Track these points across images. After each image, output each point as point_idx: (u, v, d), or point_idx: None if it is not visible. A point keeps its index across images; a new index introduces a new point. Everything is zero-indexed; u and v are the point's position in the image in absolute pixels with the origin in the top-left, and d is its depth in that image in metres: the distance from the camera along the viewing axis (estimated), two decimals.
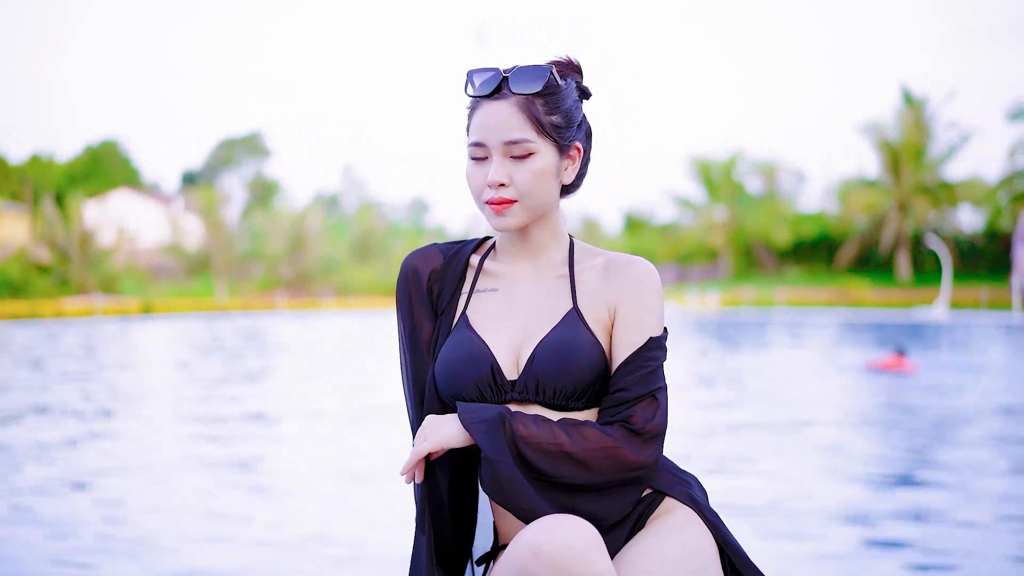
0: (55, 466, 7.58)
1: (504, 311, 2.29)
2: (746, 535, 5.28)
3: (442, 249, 2.41)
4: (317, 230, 63.27)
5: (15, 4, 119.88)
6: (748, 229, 61.73)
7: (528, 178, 2.21)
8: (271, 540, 5.36)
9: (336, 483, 6.99)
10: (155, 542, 5.28)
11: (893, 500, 6.35)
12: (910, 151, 55.70)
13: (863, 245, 58.06)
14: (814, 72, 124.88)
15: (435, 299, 2.36)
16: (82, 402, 11.85)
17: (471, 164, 2.26)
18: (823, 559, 4.96)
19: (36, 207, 60.14)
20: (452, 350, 2.25)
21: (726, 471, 7.35)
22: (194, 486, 6.87)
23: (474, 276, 2.37)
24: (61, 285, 51.18)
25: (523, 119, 2.19)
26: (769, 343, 24.14)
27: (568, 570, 1.89)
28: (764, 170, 64.39)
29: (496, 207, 2.22)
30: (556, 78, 2.22)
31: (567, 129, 2.25)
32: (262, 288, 59.54)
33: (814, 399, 12.18)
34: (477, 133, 2.22)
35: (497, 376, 2.21)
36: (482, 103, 2.23)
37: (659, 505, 2.24)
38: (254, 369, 17.04)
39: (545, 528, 1.94)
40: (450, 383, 2.23)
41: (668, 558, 2.10)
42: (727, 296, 50.39)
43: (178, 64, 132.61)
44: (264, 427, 9.93)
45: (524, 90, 2.19)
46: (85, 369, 16.74)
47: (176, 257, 64.35)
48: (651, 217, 71.22)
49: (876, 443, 8.94)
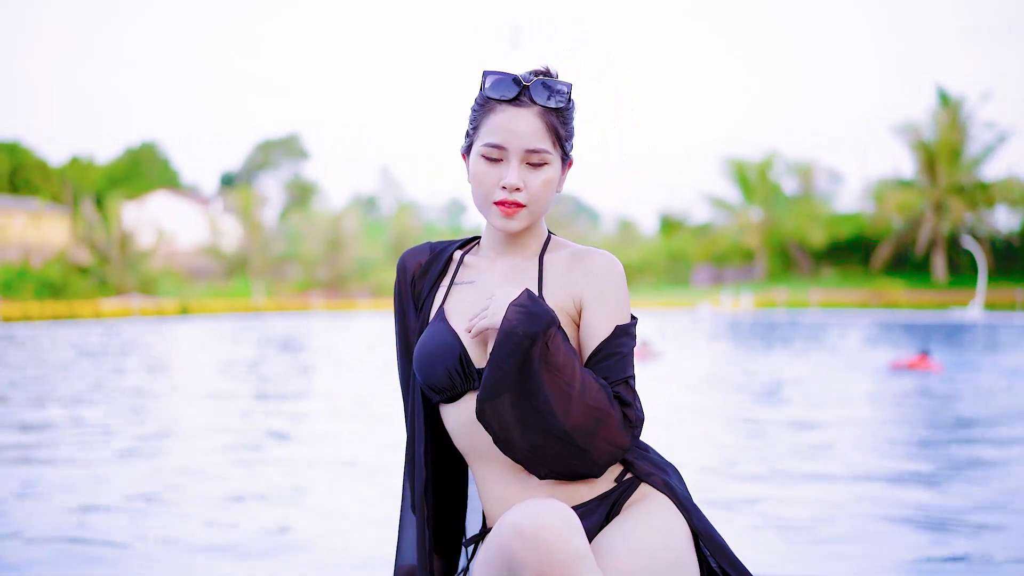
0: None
1: (475, 303, 2.38)
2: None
3: (432, 246, 2.53)
4: (353, 231, 63.29)
5: (51, 4, 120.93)
6: (783, 230, 61.32)
7: (540, 186, 2.32)
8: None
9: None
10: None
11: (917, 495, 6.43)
12: (946, 151, 55.23)
13: (899, 246, 57.62)
14: (850, 71, 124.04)
15: (416, 293, 2.49)
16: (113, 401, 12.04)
17: (483, 163, 2.33)
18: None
19: (76, 209, 60.61)
20: (426, 341, 2.35)
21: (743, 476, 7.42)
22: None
23: (454, 270, 2.47)
24: (100, 286, 51.51)
25: (544, 129, 2.30)
26: (796, 344, 24.05)
27: (548, 549, 1.98)
28: (800, 170, 64.01)
29: (506, 209, 2.32)
30: (570, 95, 2.34)
31: (569, 142, 2.38)
32: (299, 289, 59.68)
33: (834, 399, 12.21)
34: (498, 135, 2.30)
35: (466, 364, 2.30)
36: (502, 107, 2.32)
37: (635, 491, 2.32)
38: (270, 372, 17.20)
39: (528, 509, 2.03)
40: (424, 372, 2.33)
41: (641, 541, 2.19)
42: (761, 297, 50.20)
43: (216, 67, 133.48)
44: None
45: (549, 103, 2.31)
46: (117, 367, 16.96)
47: (214, 258, 64.57)
48: (686, 218, 70.97)
49: (901, 446, 8.99)
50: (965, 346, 22.46)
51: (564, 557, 1.98)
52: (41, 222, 61.18)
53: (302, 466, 7.62)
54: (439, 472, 2.47)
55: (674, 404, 11.17)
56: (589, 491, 2.31)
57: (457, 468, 2.50)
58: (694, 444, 8.58)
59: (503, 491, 2.31)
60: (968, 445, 8.63)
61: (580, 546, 2.01)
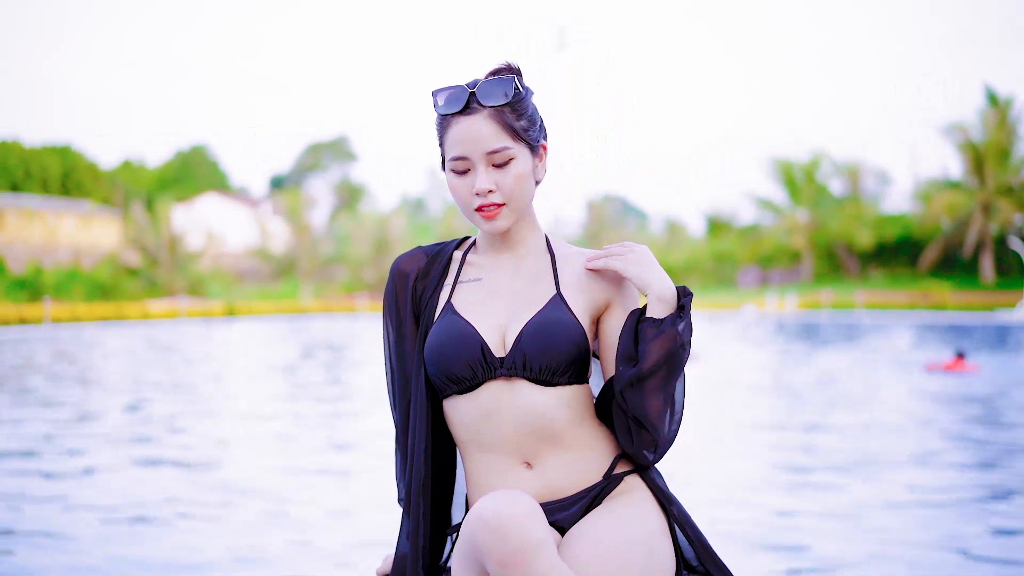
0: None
1: (487, 298, 2.45)
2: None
3: (425, 250, 2.57)
4: (401, 233, 63.40)
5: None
6: (830, 231, 60.80)
7: (512, 182, 2.37)
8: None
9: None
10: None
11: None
12: (994, 152, 54.56)
13: (946, 247, 56.98)
14: (899, 71, 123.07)
15: (418, 297, 2.52)
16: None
17: (454, 177, 2.39)
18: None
19: (127, 211, 61.27)
20: (440, 334, 2.41)
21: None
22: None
23: (457, 269, 2.53)
24: (149, 288, 51.98)
25: (498, 128, 2.35)
26: (835, 345, 23.92)
27: (508, 536, 2.07)
28: (847, 171, 63.51)
29: (487, 213, 2.38)
30: (519, 85, 2.38)
31: (533, 130, 2.41)
32: (346, 291, 59.87)
33: (866, 399, 12.17)
34: (458, 147, 2.37)
35: (487, 354, 2.37)
36: (454, 119, 2.38)
37: (617, 486, 2.42)
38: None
39: (491, 500, 2.13)
40: (440, 364, 2.39)
41: (612, 530, 2.29)
42: (806, 299, 49.90)
43: (267, 71, 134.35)
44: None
45: (494, 102, 2.35)
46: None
47: (263, 260, 64.98)
48: (733, 219, 70.60)
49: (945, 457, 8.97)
50: (1016, 348, 22.22)
51: (524, 545, 2.07)
52: (92, 224, 61.90)
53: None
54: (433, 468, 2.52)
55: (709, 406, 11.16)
56: (577, 484, 2.40)
57: (445, 462, 2.57)
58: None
59: (495, 481, 2.39)
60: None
61: (540, 534, 2.09)
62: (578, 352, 2.37)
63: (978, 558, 4.87)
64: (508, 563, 2.07)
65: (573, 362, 2.36)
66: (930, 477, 7.06)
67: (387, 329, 2.57)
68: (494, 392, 2.37)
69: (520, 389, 2.36)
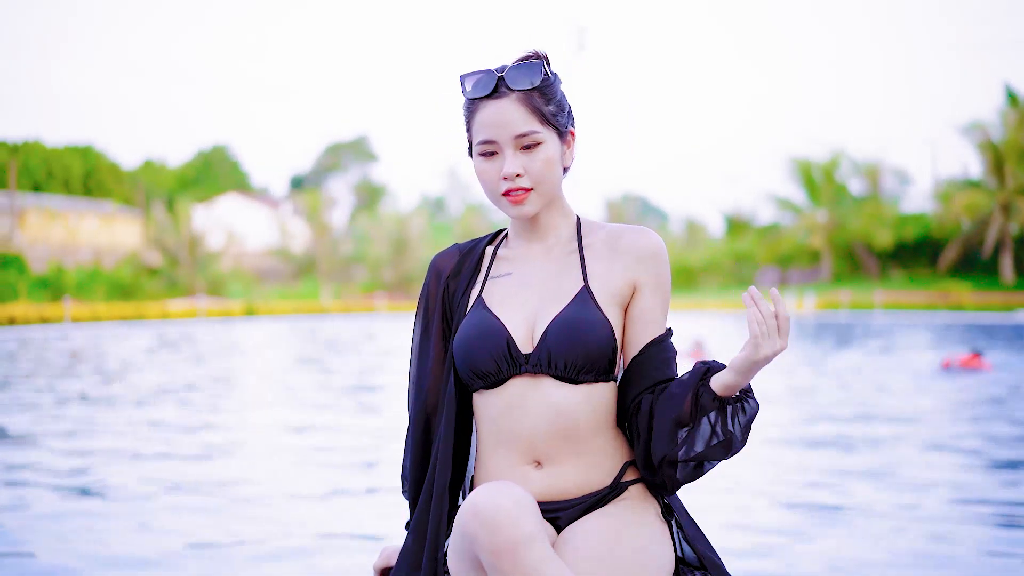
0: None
1: (518, 292, 2.46)
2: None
3: (460, 247, 2.61)
4: (420, 233, 63.36)
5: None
6: (849, 231, 60.42)
7: (540, 166, 2.37)
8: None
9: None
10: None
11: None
12: (1014, 151, 54.15)
13: (966, 247, 56.54)
14: (919, 71, 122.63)
15: (450, 296, 2.56)
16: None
17: (482, 161, 2.41)
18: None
19: (148, 211, 61.52)
20: (469, 328, 2.43)
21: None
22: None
23: (488, 264, 2.55)
24: (170, 287, 52.05)
25: (527, 112, 2.36)
26: (853, 344, 23.82)
27: (499, 528, 2.09)
28: (866, 171, 63.17)
29: (514, 197, 2.39)
30: (548, 71, 2.40)
31: (561, 115, 2.42)
32: (365, 291, 59.87)
33: (880, 397, 12.16)
34: (486, 131, 2.38)
35: (512, 350, 2.38)
36: (483, 103, 2.39)
37: (624, 492, 2.43)
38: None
39: (484, 492, 2.15)
40: (467, 358, 2.41)
41: (609, 528, 2.32)
42: (824, 299, 49.71)
43: (288, 72, 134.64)
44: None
45: (523, 86, 2.36)
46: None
47: (283, 260, 65.10)
48: (753, 219, 70.34)
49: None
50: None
51: (515, 537, 2.09)
52: (113, 224, 62.19)
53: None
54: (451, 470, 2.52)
55: None
56: (582, 488, 2.41)
57: (460, 456, 2.56)
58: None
59: (509, 476, 2.40)
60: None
61: (532, 526, 2.11)
62: (604, 351, 2.37)
63: (993, 554, 4.87)
64: (500, 554, 2.09)
65: (599, 359, 2.37)
66: (946, 475, 7.06)
67: (416, 324, 2.61)
68: (519, 388, 2.39)
69: (545, 386, 2.38)
